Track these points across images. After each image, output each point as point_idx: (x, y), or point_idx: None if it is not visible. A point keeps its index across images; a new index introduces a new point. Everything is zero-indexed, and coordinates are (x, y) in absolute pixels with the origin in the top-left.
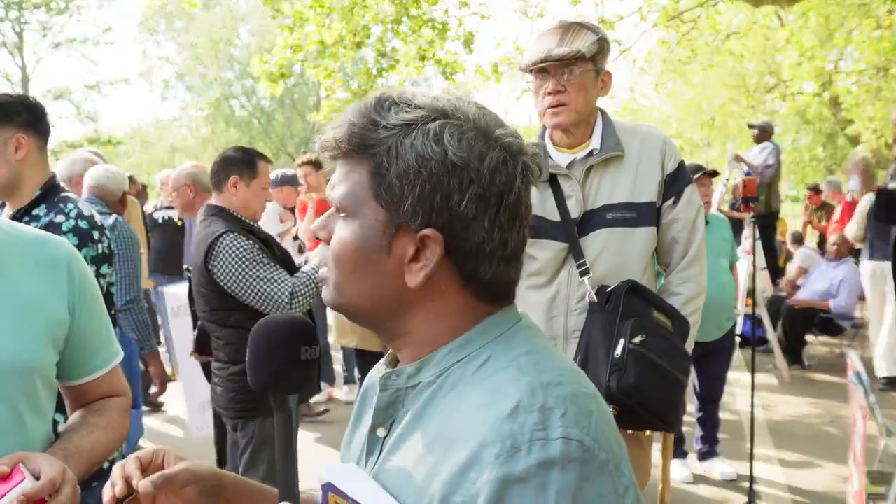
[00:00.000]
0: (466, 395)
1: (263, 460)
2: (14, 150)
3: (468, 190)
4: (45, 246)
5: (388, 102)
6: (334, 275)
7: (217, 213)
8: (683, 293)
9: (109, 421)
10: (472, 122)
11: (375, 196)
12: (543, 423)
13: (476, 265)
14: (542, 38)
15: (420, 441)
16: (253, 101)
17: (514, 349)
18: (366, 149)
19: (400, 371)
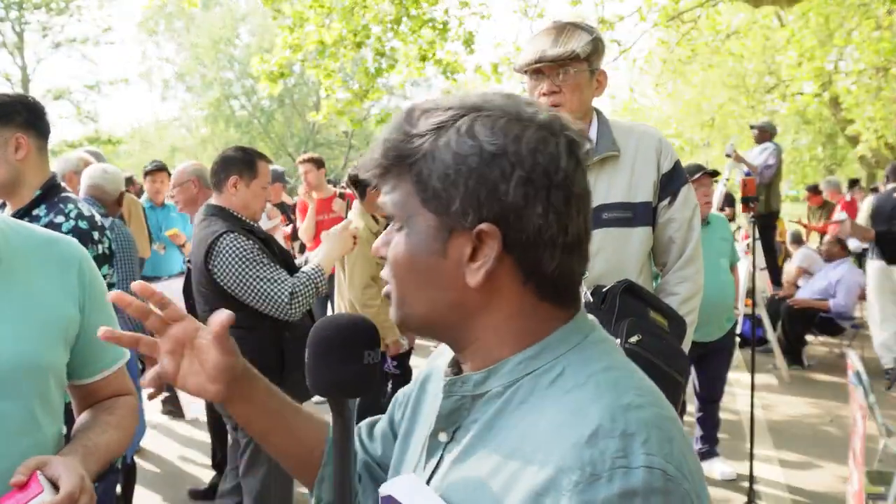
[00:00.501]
0: (541, 410)
1: (264, 461)
2: (14, 150)
3: (512, 176)
4: (55, 246)
5: (416, 112)
6: (396, 288)
7: (217, 213)
8: (680, 293)
9: (120, 420)
10: (502, 109)
11: (423, 203)
12: (625, 450)
13: (537, 256)
14: (537, 39)
15: (489, 455)
16: (253, 101)
17: (591, 364)
18: (403, 160)
19: (466, 378)
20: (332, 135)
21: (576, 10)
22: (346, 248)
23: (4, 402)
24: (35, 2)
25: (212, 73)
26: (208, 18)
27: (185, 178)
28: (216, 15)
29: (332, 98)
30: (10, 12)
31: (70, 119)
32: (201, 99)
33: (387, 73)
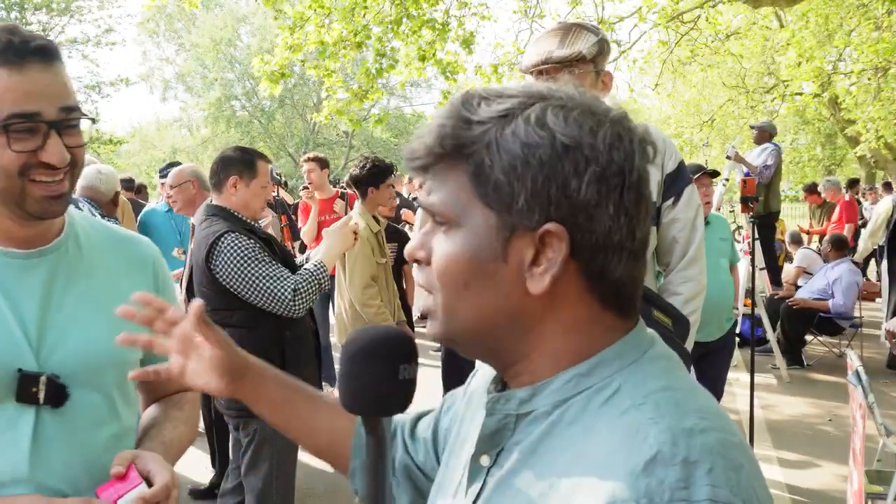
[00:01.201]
0: (593, 432)
1: (266, 459)
2: None
3: (586, 172)
4: (132, 245)
5: (475, 98)
6: (442, 297)
7: (218, 213)
8: (684, 293)
9: (188, 415)
10: (573, 99)
11: (482, 198)
12: (686, 481)
13: (605, 261)
14: (542, 40)
15: (534, 481)
16: (253, 102)
17: (650, 382)
18: (461, 149)
19: (510, 396)
20: (333, 135)
21: (576, 11)
22: (348, 243)
23: (92, 393)
24: (36, 2)
25: (212, 74)
26: (209, 19)
27: (184, 179)
28: (216, 16)
29: (333, 98)
30: (10, 13)
31: None
32: (202, 99)
33: (387, 74)
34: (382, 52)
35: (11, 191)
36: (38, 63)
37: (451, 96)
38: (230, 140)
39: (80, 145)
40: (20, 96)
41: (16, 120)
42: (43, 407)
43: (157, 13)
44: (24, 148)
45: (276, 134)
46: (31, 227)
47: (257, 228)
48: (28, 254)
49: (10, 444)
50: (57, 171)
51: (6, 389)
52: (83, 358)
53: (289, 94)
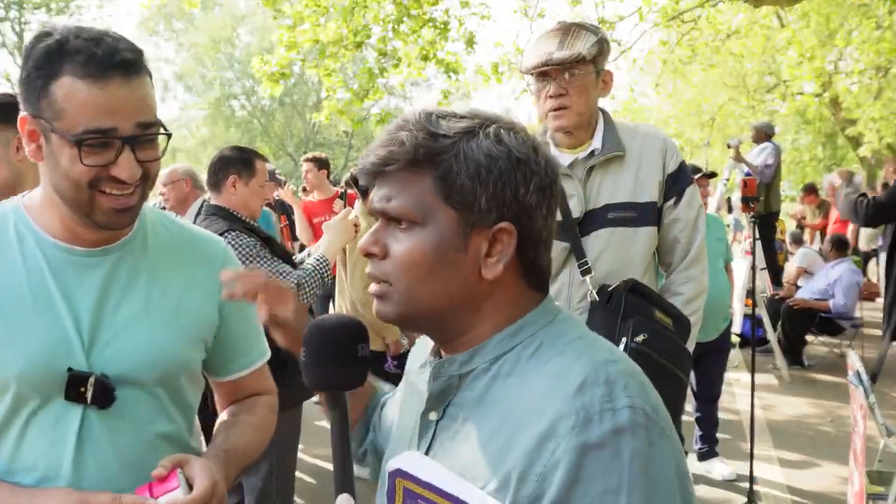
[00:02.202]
0: (527, 378)
1: (266, 459)
2: (15, 151)
3: (531, 182)
4: (200, 244)
5: (434, 116)
6: (403, 284)
7: (217, 213)
8: (685, 293)
9: (262, 421)
10: (515, 123)
11: (446, 200)
12: (610, 395)
13: (536, 253)
14: (542, 41)
15: (484, 424)
16: (253, 102)
17: (565, 335)
18: (431, 158)
19: (452, 359)
20: (333, 135)
21: (576, 11)
22: (348, 236)
23: (141, 394)
24: (35, 2)
25: (212, 74)
26: (208, 19)
27: (178, 178)
28: (216, 15)
29: (333, 98)
30: (10, 12)
31: None
32: (201, 99)
33: (389, 73)
34: (384, 52)
35: (80, 201)
36: (119, 77)
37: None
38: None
39: (154, 159)
40: (97, 112)
41: (90, 135)
42: (90, 407)
43: (157, 13)
44: (96, 162)
45: (275, 134)
46: (99, 231)
47: (257, 227)
48: (91, 252)
49: (56, 442)
50: (127, 185)
51: (55, 387)
52: (134, 359)
53: (288, 94)
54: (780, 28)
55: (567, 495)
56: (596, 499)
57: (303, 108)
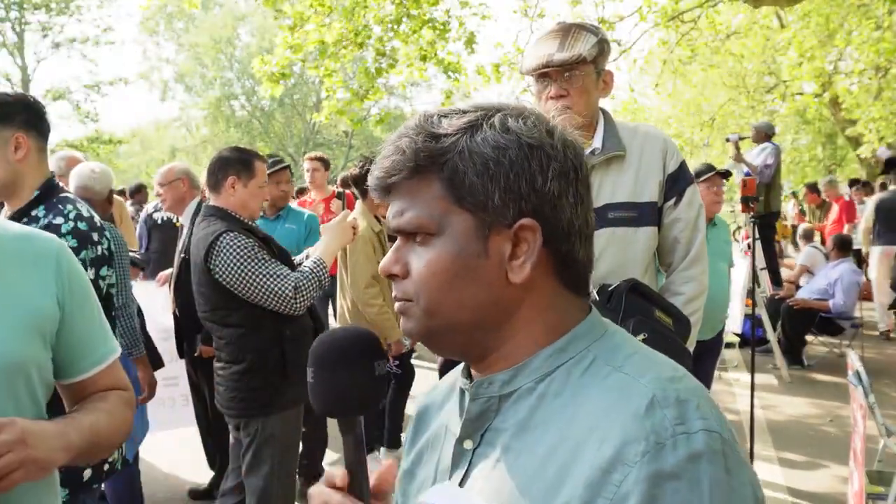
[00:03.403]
0: (582, 398)
1: (266, 459)
2: (14, 150)
3: (549, 168)
4: (31, 242)
5: (434, 116)
6: (425, 300)
7: (216, 213)
8: (685, 292)
9: (112, 407)
10: (526, 108)
11: (458, 203)
12: (682, 417)
13: (570, 246)
14: (542, 42)
15: (533, 450)
16: (253, 102)
17: (619, 350)
18: (436, 160)
19: (492, 379)
20: (332, 135)
21: (576, 11)
22: (346, 238)
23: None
24: (35, 2)
25: (212, 74)
26: (208, 19)
27: (174, 177)
28: (216, 15)
29: (333, 98)
30: (10, 12)
31: (70, 119)
32: (201, 99)
33: (387, 73)
34: (382, 52)
35: None
36: None
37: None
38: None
39: None
40: None
41: None
42: None
43: (157, 13)
44: None
45: (275, 134)
46: None
47: (255, 228)
48: None
49: None
50: None
51: None
52: None
53: (288, 94)
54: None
55: None
56: None
57: (303, 108)
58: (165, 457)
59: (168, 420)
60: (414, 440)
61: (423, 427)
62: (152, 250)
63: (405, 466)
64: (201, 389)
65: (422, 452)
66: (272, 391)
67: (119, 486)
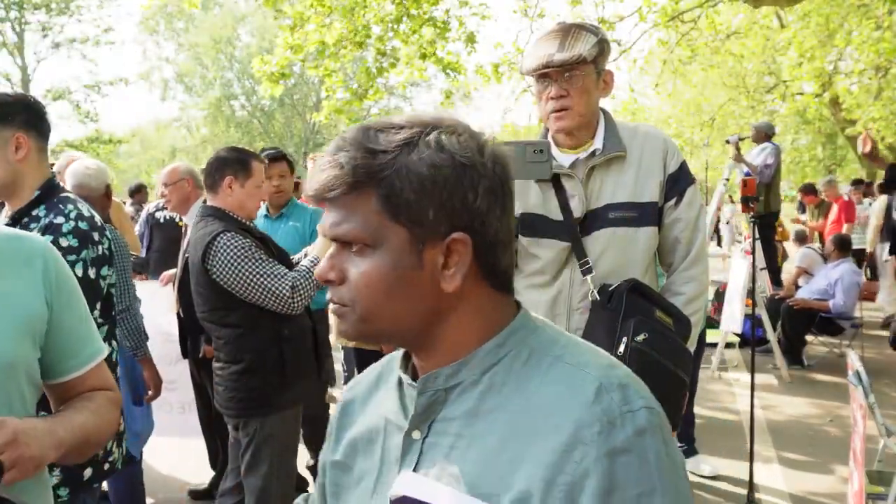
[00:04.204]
0: (528, 387)
1: (265, 459)
2: (14, 150)
3: (479, 186)
4: (18, 243)
5: (371, 131)
6: (361, 308)
7: (213, 214)
8: (686, 293)
9: (98, 406)
10: (460, 124)
11: (394, 218)
12: (626, 398)
13: (496, 256)
14: (542, 43)
15: (486, 437)
16: (253, 102)
17: (553, 343)
18: (372, 177)
19: (437, 373)
20: (332, 135)
21: (576, 11)
22: None
23: None
24: (35, 2)
25: (212, 74)
26: (208, 19)
27: (178, 178)
28: (216, 15)
29: (333, 98)
30: (10, 12)
31: (70, 119)
32: (201, 99)
33: (387, 73)
34: (383, 52)
35: None
36: None
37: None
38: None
39: None
40: None
41: None
42: None
43: (157, 12)
44: None
45: (275, 133)
46: None
47: (253, 228)
48: None
49: None
50: None
51: None
52: None
53: (288, 94)
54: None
55: (605, 502)
56: (633, 503)
57: (303, 108)
58: (166, 457)
59: (164, 426)
60: (339, 432)
61: (348, 420)
62: (154, 250)
63: (335, 458)
64: (205, 390)
65: (355, 445)
66: (271, 391)
67: (121, 486)
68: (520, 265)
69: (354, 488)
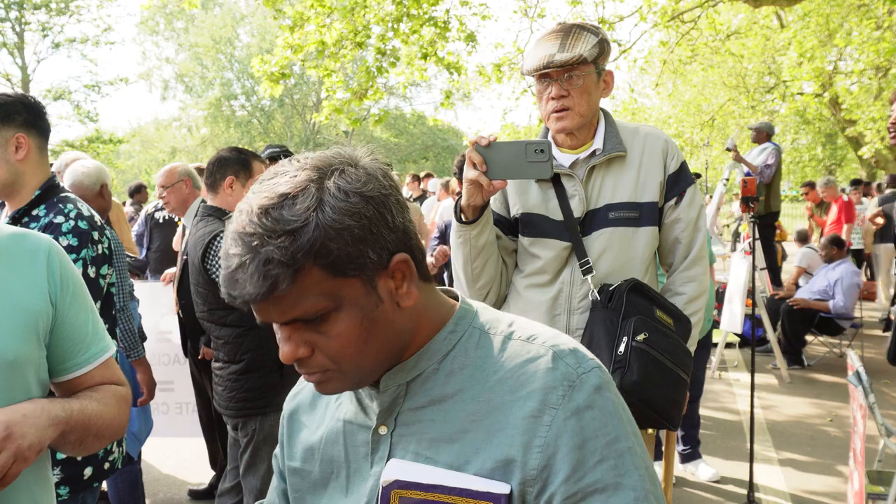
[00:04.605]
0: (486, 365)
1: (264, 458)
2: (14, 150)
3: (392, 206)
4: (22, 241)
5: (271, 213)
6: (348, 364)
7: (213, 213)
8: (686, 292)
9: (102, 396)
10: (334, 160)
11: (343, 275)
12: (579, 361)
13: (418, 258)
14: (543, 43)
15: (456, 417)
16: (253, 102)
17: (498, 322)
18: (308, 254)
19: (398, 368)
20: (332, 135)
21: (576, 11)
22: None
23: None
24: (35, 2)
25: (212, 74)
26: (208, 19)
27: (177, 179)
28: (216, 15)
29: (333, 98)
30: (10, 12)
31: (70, 119)
32: (201, 99)
33: (388, 72)
34: (383, 51)
35: None
36: None
37: (238, 224)
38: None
39: None
40: None
41: None
42: None
43: (157, 12)
44: None
45: (275, 134)
46: None
47: None
48: None
49: None
50: None
51: None
52: None
53: (288, 94)
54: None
55: (580, 455)
56: (604, 451)
57: (303, 108)
58: (166, 457)
59: (162, 427)
60: (291, 439)
61: (297, 426)
62: (154, 249)
63: (293, 464)
64: (205, 390)
65: (312, 450)
66: (270, 390)
67: (121, 486)
68: (520, 265)
69: (320, 490)
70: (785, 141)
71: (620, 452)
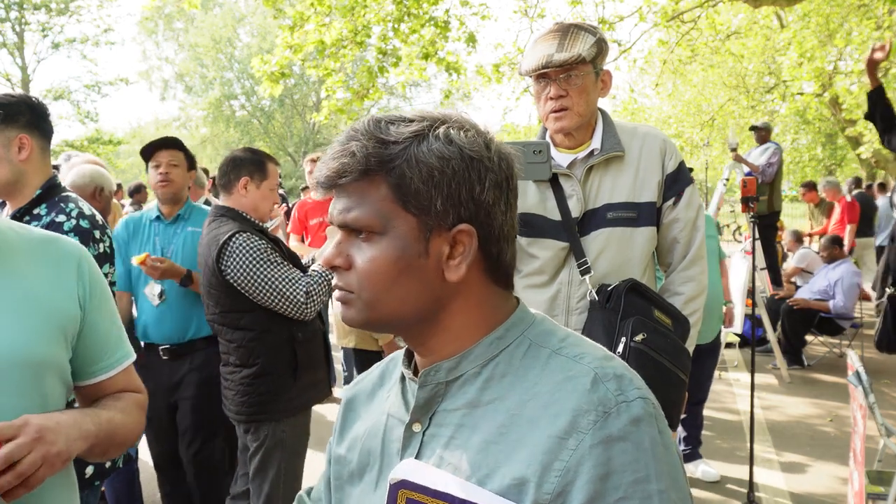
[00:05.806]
0: (527, 377)
1: (274, 464)
2: (17, 151)
3: (486, 179)
4: (54, 245)
5: (382, 122)
6: (367, 294)
7: (227, 214)
8: (685, 293)
9: (125, 405)
10: (467, 121)
11: (403, 206)
12: (621, 388)
13: (500, 249)
14: (541, 43)
15: (486, 426)
16: (253, 102)
17: (552, 335)
18: (383, 165)
19: (438, 367)
20: (332, 135)
21: (576, 11)
22: None
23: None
24: (35, 2)
25: (212, 74)
26: (208, 19)
27: None
28: (216, 15)
29: (333, 98)
30: (10, 12)
31: (70, 119)
32: (201, 99)
33: (388, 72)
34: (384, 51)
35: None
36: None
37: (354, 123)
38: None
39: None
40: None
41: None
42: None
43: (157, 13)
44: None
45: (275, 133)
46: None
47: (266, 230)
48: None
49: None
50: None
51: None
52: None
53: (288, 94)
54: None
55: (601, 487)
56: (628, 489)
57: (303, 108)
58: None
59: None
60: (344, 427)
61: (353, 415)
62: None
63: (338, 451)
64: None
65: (357, 439)
66: (283, 395)
67: (118, 486)
68: (518, 265)
69: (356, 481)
70: (785, 141)
71: (649, 494)
